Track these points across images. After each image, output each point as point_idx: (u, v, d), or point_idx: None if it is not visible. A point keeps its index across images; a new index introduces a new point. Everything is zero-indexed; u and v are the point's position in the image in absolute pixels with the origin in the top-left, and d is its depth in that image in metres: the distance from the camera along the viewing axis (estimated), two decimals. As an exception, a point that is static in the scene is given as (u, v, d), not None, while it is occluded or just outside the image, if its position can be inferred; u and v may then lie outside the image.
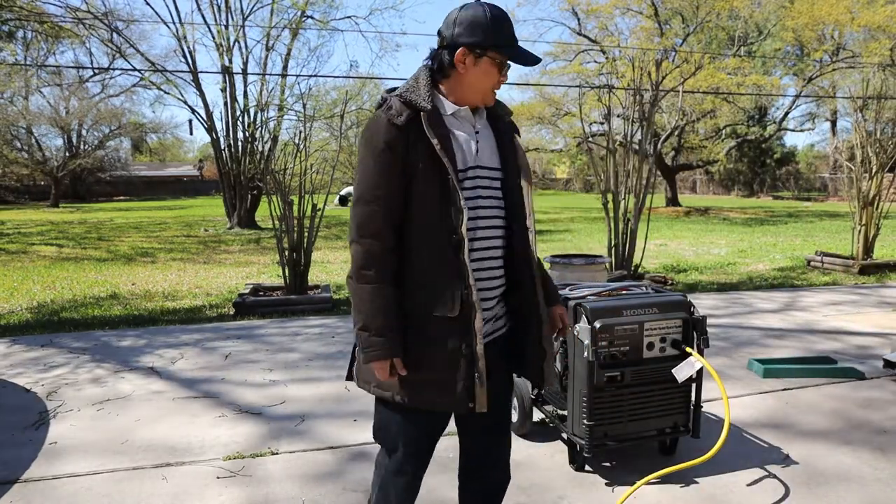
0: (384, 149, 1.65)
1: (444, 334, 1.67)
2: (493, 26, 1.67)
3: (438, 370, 1.68)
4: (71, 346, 4.85)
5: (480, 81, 1.72)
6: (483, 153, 1.77)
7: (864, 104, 8.23)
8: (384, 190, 1.66)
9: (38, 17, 13.91)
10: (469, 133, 1.75)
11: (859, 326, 5.26)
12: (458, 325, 1.66)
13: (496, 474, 1.95)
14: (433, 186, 1.66)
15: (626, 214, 7.04)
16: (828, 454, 2.91)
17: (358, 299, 1.68)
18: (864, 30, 18.89)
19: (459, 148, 1.72)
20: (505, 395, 1.91)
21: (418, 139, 1.65)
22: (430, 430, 1.81)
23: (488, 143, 1.80)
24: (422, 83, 1.70)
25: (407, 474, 1.81)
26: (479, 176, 1.75)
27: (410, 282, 1.69)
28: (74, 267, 9.33)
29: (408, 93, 1.68)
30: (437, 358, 1.68)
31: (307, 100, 8.71)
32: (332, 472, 2.77)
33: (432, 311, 1.67)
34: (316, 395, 3.71)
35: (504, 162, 1.81)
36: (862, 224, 8.05)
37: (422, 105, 1.66)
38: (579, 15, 22.87)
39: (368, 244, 1.66)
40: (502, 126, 1.84)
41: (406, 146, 1.65)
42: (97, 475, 2.75)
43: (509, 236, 1.80)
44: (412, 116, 1.66)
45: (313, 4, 16.83)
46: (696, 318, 2.66)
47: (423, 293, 1.68)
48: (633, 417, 2.66)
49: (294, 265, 6.33)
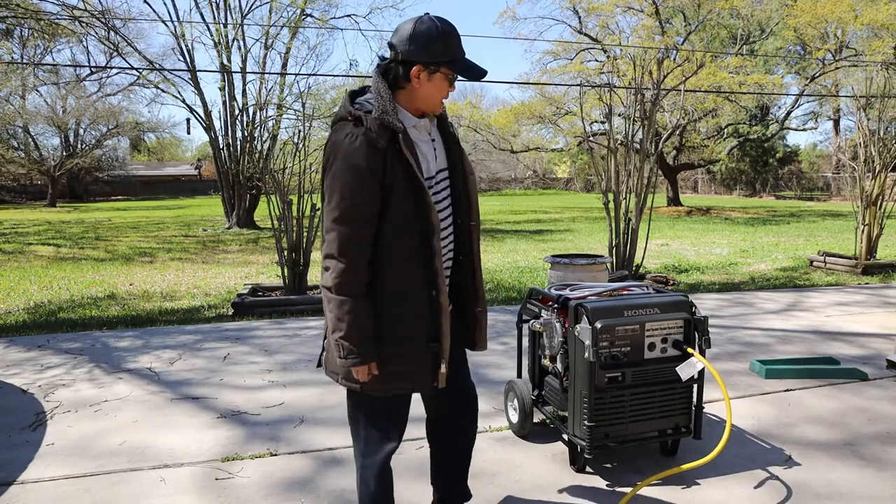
0: (366, 169, 1.75)
1: (415, 334, 1.85)
2: (444, 43, 1.80)
3: (408, 364, 1.87)
4: (68, 346, 4.82)
5: (433, 94, 1.86)
6: (439, 159, 1.96)
7: (867, 103, 8.20)
8: (370, 209, 1.78)
9: (35, 15, 13.88)
10: (427, 143, 1.93)
11: (863, 327, 5.23)
12: (428, 325, 1.85)
13: (468, 424, 2.18)
14: (408, 202, 1.80)
15: (627, 214, 7.01)
16: (831, 456, 2.89)
17: (337, 311, 1.79)
18: (867, 28, 18.86)
19: (425, 160, 1.88)
20: (461, 360, 2.13)
21: (395, 158, 1.78)
22: (394, 413, 1.98)
23: (441, 148, 1.98)
24: (386, 99, 1.81)
25: (377, 458, 1.97)
26: (439, 180, 1.95)
27: (383, 288, 1.83)
28: (72, 267, 9.31)
29: (383, 115, 1.79)
30: (409, 354, 1.86)
31: (306, 99, 8.68)
32: (332, 473, 2.75)
33: (405, 314, 1.84)
34: (315, 397, 3.69)
35: (452, 163, 1.98)
36: (865, 224, 8.02)
37: (396, 126, 1.79)
38: (580, 13, 22.86)
39: (350, 262, 1.77)
40: (445, 127, 2.01)
41: (384, 166, 1.76)
42: (94, 477, 2.72)
43: (455, 225, 1.99)
44: (390, 137, 1.78)
45: (312, 3, 16.83)
46: (697, 319, 2.63)
47: (396, 299, 1.84)
48: (635, 418, 2.63)
49: (293, 265, 6.31)
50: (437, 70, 1.82)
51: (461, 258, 2.02)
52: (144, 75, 17.52)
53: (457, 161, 1.99)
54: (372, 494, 2.01)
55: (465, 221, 2.00)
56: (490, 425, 3.22)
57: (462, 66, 1.85)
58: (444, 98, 1.90)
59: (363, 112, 1.80)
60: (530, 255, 10.03)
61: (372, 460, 1.98)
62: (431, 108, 1.90)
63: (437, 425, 2.21)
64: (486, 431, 3.16)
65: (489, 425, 3.22)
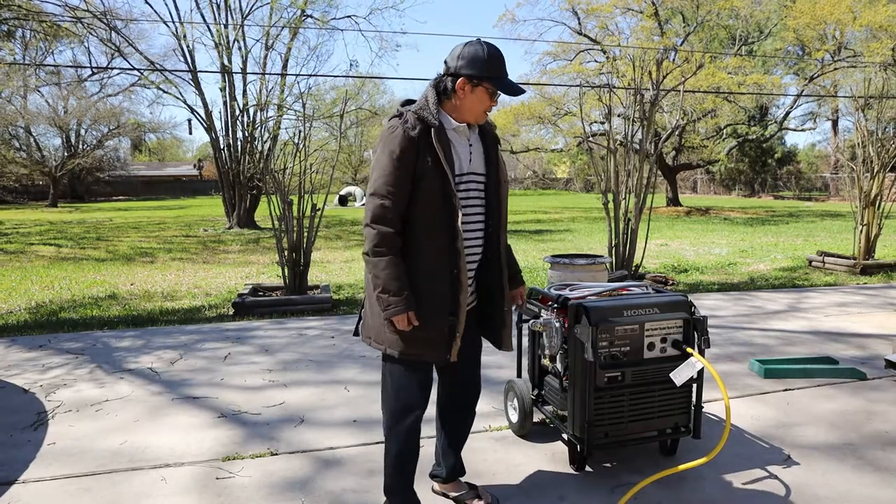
0: (399, 155, 2.07)
1: (437, 306, 2.12)
2: (488, 62, 2.12)
3: (429, 331, 2.14)
4: (69, 346, 4.83)
5: (475, 105, 2.17)
6: (474, 161, 2.24)
7: (865, 103, 8.21)
8: (396, 188, 2.07)
9: (37, 17, 13.89)
10: (464, 145, 2.22)
11: (861, 327, 5.24)
12: (448, 299, 2.13)
13: (472, 389, 2.45)
14: (436, 187, 2.09)
15: (626, 214, 7.02)
16: (829, 455, 2.90)
17: (375, 269, 2.10)
18: (865, 29, 18.86)
19: (458, 157, 2.18)
20: (474, 348, 2.40)
21: (427, 148, 2.08)
22: (418, 380, 2.23)
23: (478, 153, 2.26)
24: (431, 102, 2.14)
25: (405, 422, 2.23)
26: (471, 180, 2.22)
27: (413, 264, 2.12)
28: (73, 267, 9.32)
29: (421, 110, 2.12)
30: (431, 323, 2.13)
31: (306, 99, 8.68)
32: (332, 473, 2.76)
33: (430, 287, 2.12)
34: (315, 397, 3.70)
35: (489, 168, 2.27)
36: (864, 224, 8.03)
37: (431, 121, 2.10)
38: (579, 14, 22.87)
39: (380, 229, 2.08)
40: (489, 139, 2.30)
41: (416, 153, 2.07)
42: (96, 476, 2.73)
43: (486, 227, 2.29)
44: (424, 130, 2.09)
45: (313, 3, 16.83)
46: (696, 318, 2.64)
47: (424, 274, 2.12)
48: (634, 418, 2.64)
49: (294, 265, 6.32)
50: (480, 84, 2.12)
51: (489, 257, 2.29)
52: (146, 76, 17.51)
53: (493, 170, 2.27)
54: (396, 454, 2.27)
55: (496, 225, 2.27)
56: (490, 425, 3.23)
57: (502, 83, 2.15)
58: (485, 110, 2.19)
59: (406, 109, 2.14)
60: (530, 255, 10.04)
61: (399, 423, 2.24)
62: (474, 118, 2.19)
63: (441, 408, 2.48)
64: (486, 431, 3.17)
65: (489, 425, 3.23)
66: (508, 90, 2.17)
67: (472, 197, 2.22)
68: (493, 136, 2.32)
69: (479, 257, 2.28)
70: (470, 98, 2.14)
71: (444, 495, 2.52)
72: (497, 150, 2.32)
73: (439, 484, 2.53)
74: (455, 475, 2.50)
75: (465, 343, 2.24)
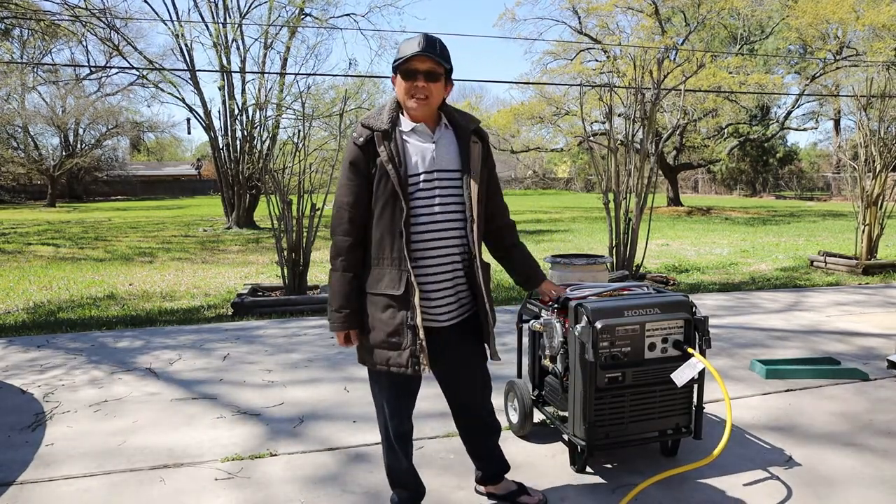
0: (349, 165, 2.10)
1: (391, 307, 2.08)
2: (400, 50, 2.07)
3: (387, 334, 2.08)
4: (68, 346, 4.81)
5: (400, 94, 2.11)
6: (441, 158, 2.13)
7: (868, 103, 8.18)
8: (348, 198, 2.11)
9: (35, 15, 13.87)
10: (426, 143, 2.12)
11: (863, 327, 5.23)
12: (401, 300, 2.07)
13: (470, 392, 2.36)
14: (386, 189, 2.06)
15: (627, 214, 7.00)
16: (831, 456, 2.88)
17: (329, 280, 2.16)
18: (868, 29, 18.83)
19: (412, 157, 2.10)
20: (476, 359, 2.32)
21: (376, 154, 2.07)
22: (397, 390, 2.20)
23: (449, 149, 2.16)
24: (386, 108, 2.12)
25: (390, 432, 2.23)
26: (438, 178, 2.12)
27: (370, 265, 2.13)
28: (71, 267, 9.31)
29: (367, 118, 2.12)
30: (386, 325, 2.08)
31: (306, 98, 8.67)
32: (332, 473, 2.74)
33: (383, 289, 2.09)
34: (315, 397, 3.68)
35: (464, 164, 2.17)
36: (865, 224, 8.01)
37: (377, 126, 2.08)
38: (580, 13, 22.84)
39: (336, 239, 2.14)
40: (462, 132, 2.19)
41: (367, 161, 2.08)
42: (94, 477, 2.72)
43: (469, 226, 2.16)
44: (370, 137, 2.08)
45: (311, 2, 16.81)
46: (697, 319, 2.62)
47: (377, 274, 2.10)
48: (635, 419, 2.62)
49: (293, 265, 6.30)
50: (395, 72, 2.09)
51: (467, 257, 2.21)
52: (144, 75, 17.49)
53: (465, 166, 2.16)
54: (387, 465, 2.32)
55: (471, 221, 2.16)
56: (490, 425, 3.22)
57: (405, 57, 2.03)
58: (411, 96, 2.07)
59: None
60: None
61: (386, 433, 2.25)
62: (407, 108, 2.11)
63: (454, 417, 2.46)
64: (486, 432, 3.15)
65: (489, 425, 3.21)
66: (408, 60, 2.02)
67: (443, 195, 2.11)
68: (468, 130, 2.18)
69: (458, 257, 2.17)
70: (398, 90, 2.10)
71: (491, 496, 2.51)
72: (473, 144, 2.18)
73: (481, 485, 2.53)
74: (490, 477, 2.49)
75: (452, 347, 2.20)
